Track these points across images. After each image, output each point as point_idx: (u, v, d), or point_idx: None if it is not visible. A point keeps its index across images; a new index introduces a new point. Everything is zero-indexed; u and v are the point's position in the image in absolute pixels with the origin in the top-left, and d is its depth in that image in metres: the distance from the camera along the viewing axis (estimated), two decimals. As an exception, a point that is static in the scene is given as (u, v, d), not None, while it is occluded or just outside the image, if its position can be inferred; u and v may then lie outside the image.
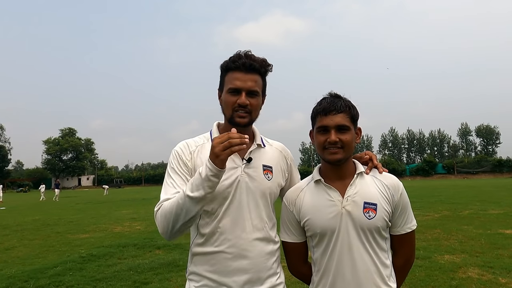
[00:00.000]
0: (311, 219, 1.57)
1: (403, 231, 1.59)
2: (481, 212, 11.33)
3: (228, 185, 1.56)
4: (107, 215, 14.98)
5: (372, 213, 1.51)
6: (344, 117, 1.52)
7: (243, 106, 1.55)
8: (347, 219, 1.52)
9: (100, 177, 77.73)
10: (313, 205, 1.58)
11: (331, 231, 1.53)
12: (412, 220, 1.62)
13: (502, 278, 4.83)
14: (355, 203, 1.52)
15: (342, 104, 1.53)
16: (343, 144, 1.51)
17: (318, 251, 1.60)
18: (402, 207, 1.57)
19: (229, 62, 1.57)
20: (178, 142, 1.67)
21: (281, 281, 1.65)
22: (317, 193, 1.60)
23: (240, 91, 1.55)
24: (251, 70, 1.56)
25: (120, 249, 7.51)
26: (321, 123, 1.53)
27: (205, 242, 1.58)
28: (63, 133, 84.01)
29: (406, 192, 1.61)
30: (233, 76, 1.56)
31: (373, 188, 1.56)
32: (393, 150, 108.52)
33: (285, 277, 1.71)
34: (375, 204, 1.52)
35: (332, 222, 1.53)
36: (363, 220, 1.51)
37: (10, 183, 72.75)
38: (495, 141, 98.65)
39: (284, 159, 1.75)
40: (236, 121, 1.56)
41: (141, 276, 5.46)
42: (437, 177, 59.20)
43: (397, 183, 1.59)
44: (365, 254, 1.51)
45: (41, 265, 6.38)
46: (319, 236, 1.57)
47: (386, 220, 1.54)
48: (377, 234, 1.53)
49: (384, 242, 1.56)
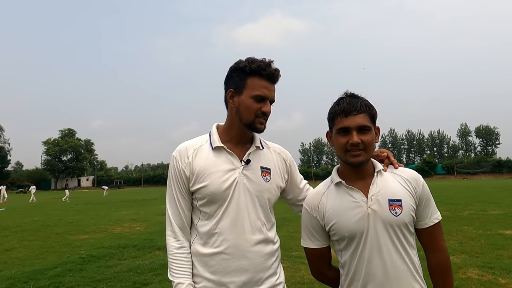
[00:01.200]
0: (337, 222, 1.53)
1: (432, 223, 1.55)
2: (481, 213, 11.33)
3: (227, 187, 1.57)
4: (107, 216, 14.97)
5: (398, 209, 1.49)
6: (364, 117, 1.50)
7: (266, 114, 1.61)
8: (374, 219, 1.49)
9: (99, 178, 77.71)
10: (337, 208, 1.55)
11: (360, 233, 1.50)
12: (437, 211, 1.59)
13: (502, 279, 4.83)
14: (380, 202, 1.50)
15: (362, 104, 1.51)
16: (365, 146, 1.49)
17: (346, 254, 1.56)
18: (426, 199, 1.55)
19: (257, 68, 1.58)
20: (178, 143, 1.69)
21: (281, 281, 1.66)
22: (339, 196, 1.57)
23: (266, 100, 1.60)
24: (276, 81, 1.63)
25: (120, 250, 7.51)
26: (342, 125, 1.50)
27: (204, 243, 1.59)
28: (63, 134, 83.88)
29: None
30: (261, 84, 1.59)
31: (395, 184, 1.54)
32: (392, 150, 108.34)
33: (285, 277, 1.71)
34: (399, 200, 1.50)
35: (360, 224, 1.50)
36: (390, 217, 1.48)
37: (9, 184, 72.69)
38: (494, 141, 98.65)
39: (283, 160, 1.76)
40: (257, 127, 1.62)
41: (141, 277, 5.46)
42: (437, 178, 59.15)
43: (417, 176, 1.58)
44: (394, 253, 1.49)
45: (41, 266, 6.38)
46: (347, 240, 1.53)
47: (413, 215, 1.52)
48: (405, 230, 1.50)
49: (411, 238, 1.54)
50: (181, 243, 1.61)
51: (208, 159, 1.61)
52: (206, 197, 1.58)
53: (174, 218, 1.64)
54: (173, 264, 1.60)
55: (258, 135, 1.71)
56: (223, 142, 1.64)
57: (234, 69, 1.63)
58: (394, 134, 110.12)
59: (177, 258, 1.60)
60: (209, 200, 1.58)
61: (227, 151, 1.62)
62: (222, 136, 1.67)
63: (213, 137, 1.66)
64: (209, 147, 1.64)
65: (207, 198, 1.58)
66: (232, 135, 1.66)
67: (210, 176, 1.58)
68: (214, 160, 1.61)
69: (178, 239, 1.62)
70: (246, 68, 1.58)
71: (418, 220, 1.56)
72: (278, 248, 1.69)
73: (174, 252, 1.61)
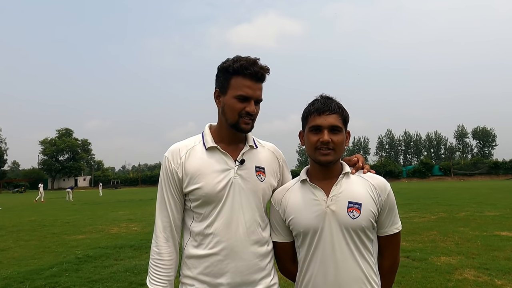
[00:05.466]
0: (295, 218, 1.57)
1: (391, 232, 1.58)
2: (478, 214, 11.35)
3: (222, 187, 1.56)
4: (104, 216, 14.92)
5: (356, 212, 1.50)
6: (337, 118, 1.53)
7: (250, 114, 1.56)
8: (330, 219, 1.51)
9: (96, 178, 77.37)
10: (297, 204, 1.58)
11: (314, 230, 1.53)
12: (398, 221, 1.62)
13: (498, 280, 4.85)
14: (339, 202, 1.52)
15: (336, 106, 1.55)
16: (335, 145, 1.51)
17: (302, 251, 1.59)
18: (389, 208, 1.57)
19: (239, 67, 1.54)
20: (174, 144, 1.67)
21: (275, 282, 1.65)
22: (302, 193, 1.60)
23: (250, 100, 1.55)
24: (261, 79, 1.58)
25: (116, 250, 7.49)
26: (314, 123, 1.53)
27: (199, 244, 1.58)
28: (60, 133, 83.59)
29: (402, 194, 1.62)
30: (244, 83, 1.54)
31: (358, 188, 1.55)
32: (390, 152, 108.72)
33: (279, 277, 1.70)
34: (359, 203, 1.51)
35: (316, 221, 1.52)
36: (346, 219, 1.50)
37: (6, 183, 72.41)
38: (491, 143, 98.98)
39: (276, 160, 1.75)
40: (241, 127, 1.57)
41: (137, 278, 5.45)
42: (434, 179, 59.31)
43: (384, 184, 1.58)
44: (349, 255, 1.50)
45: (37, 266, 6.35)
46: (302, 235, 1.57)
47: (372, 221, 1.52)
48: (362, 234, 1.51)
49: (370, 244, 1.55)
50: (161, 248, 1.59)
51: (201, 159, 1.59)
52: (201, 198, 1.57)
53: (162, 220, 1.61)
54: (151, 270, 1.60)
55: (251, 134, 1.69)
56: (216, 142, 1.62)
57: (220, 69, 1.61)
58: (391, 135, 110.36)
59: (155, 264, 1.59)
60: (204, 201, 1.57)
61: (221, 151, 1.60)
62: (215, 136, 1.64)
63: (206, 137, 1.64)
64: (203, 148, 1.62)
65: (202, 199, 1.57)
66: (223, 135, 1.64)
67: (204, 177, 1.56)
68: (207, 161, 1.59)
69: (159, 244, 1.60)
70: (230, 67, 1.55)
71: (378, 227, 1.58)
72: (272, 249, 1.68)
73: (154, 257, 1.60)
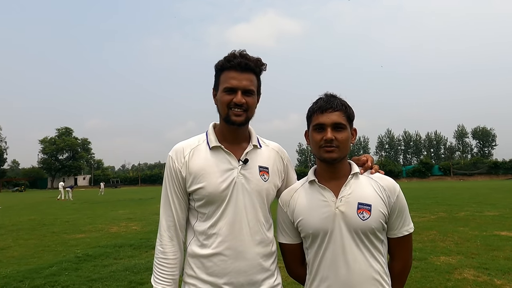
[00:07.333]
0: (303, 219, 1.55)
1: (401, 234, 1.55)
2: (477, 214, 11.38)
3: (225, 187, 1.55)
4: (104, 215, 14.93)
5: (366, 214, 1.48)
6: (340, 115, 1.52)
7: (239, 105, 1.54)
8: (340, 220, 1.49)
9: (96, 177, 77.40)
10: (306, 205, 1.56)
11: (324, 232, 1.51)
12: (409, 223, 1.58)
13: (498, 280, 4.85)
14: (348, 204, 1.50)
15: (339, 103, 1.54)
16: (339, 143, 1.50)
17: (311, 253, 1.57)
18: (399, 210, 1.54)
19: (224, 62, 1.57)
20: (175, 143, 1.67)
21: (278, 282, 1.65)
22: (311, 194, 1.58)
23: (236, 90, 1.54)
24: (246, 69, 1.56)
25: (116, 249, 7.49)
26: (318, 121, 1.52)
27: (202, 244, 1.57)
28: (60, 132, 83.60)
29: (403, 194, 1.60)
30: (229, 76, 1.55)
31: (368, 189, 1.53)
32: (389, 151, 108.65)
33: (282, 278, 1.70)
34: (369, 205, 1.49)
35: (325, 223, 1.50)
36: (356, 221, 1.48)
37: (6, 182, 72.39)
38: (491, 143, 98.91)
39: (281, 159, 1.73)
40: (232, 120, 1.56)
41: (137, 277, 5.45)
42: (434, 179, 59.38)
43: (394, 185, 1.56)
44: (359, 256, 1.48)
45: (37, 265, 6.35)
46: (311, 237, 1.55)
47: (382, 222, 1.50)
48: (372, 236, 1.49)
49: (380, 245, 1.52)
50: (166, 247, 1.59)
51: (205, 159, 1.59)
52: (204, 198, 1.56)
53: (166, 219, 1.62)
54: (156, 269, 1.60)
55: (255, 133, 1.69)
56: (220, 141, 1.62)
57: (214, 69, 1.64)
58: (391, 135, 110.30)
59: (159, 263, 1.59)
60: (207, 201, 1.56)
61: (225, 151, 1.59)
62: (219, 136, 1.64)
63: (210, 136, 1.64)
64: (206, 147, 1.62)
65: (205, 199, 1.56)
66: (226, 134, 1.64)
67: (207, 176, 1.56)
68: (211, 160, 1.58)
69: (163, 243, 1.60)
70: (218, 65, 1.59)
71: (388, 229, 1.56)
72: (276, 249, 1.67)
73: (158, 256, 1.60)
